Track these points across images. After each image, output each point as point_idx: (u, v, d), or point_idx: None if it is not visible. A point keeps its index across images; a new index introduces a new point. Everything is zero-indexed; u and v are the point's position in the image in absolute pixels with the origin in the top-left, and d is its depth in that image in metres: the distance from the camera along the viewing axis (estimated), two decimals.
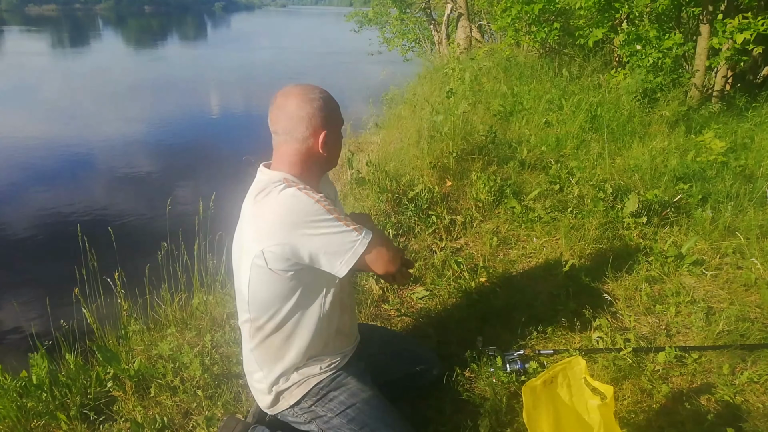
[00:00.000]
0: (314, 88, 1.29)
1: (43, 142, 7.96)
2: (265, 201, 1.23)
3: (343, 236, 1.19)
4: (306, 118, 1.25)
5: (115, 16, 54.53)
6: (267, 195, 1.22)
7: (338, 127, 1.33)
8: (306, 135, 1.26)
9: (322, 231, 1.18)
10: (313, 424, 1.37)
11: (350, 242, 1.20)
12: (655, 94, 4.78)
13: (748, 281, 2.36)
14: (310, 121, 1.25)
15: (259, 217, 1.23)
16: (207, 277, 2.48)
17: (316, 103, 1.26)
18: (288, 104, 1.26)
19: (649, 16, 5.20)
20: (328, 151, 1.30)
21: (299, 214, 1.18)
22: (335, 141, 1.33)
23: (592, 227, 2.73)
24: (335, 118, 1.31)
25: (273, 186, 1.23)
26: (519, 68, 6.34)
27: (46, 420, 1.71)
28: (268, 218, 1.21)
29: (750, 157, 3.72)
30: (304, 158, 1.29)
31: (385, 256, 1.25)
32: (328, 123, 1.28)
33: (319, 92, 1.28)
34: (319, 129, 1.26)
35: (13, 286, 3.98)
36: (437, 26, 10.89)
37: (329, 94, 1.30)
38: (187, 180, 6.49)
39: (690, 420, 1.62)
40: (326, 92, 1.30)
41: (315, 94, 1.27)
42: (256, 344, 1.37)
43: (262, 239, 1.21)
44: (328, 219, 1.19)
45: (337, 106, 1.32)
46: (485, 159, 3.65)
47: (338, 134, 1.34)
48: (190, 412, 1.75)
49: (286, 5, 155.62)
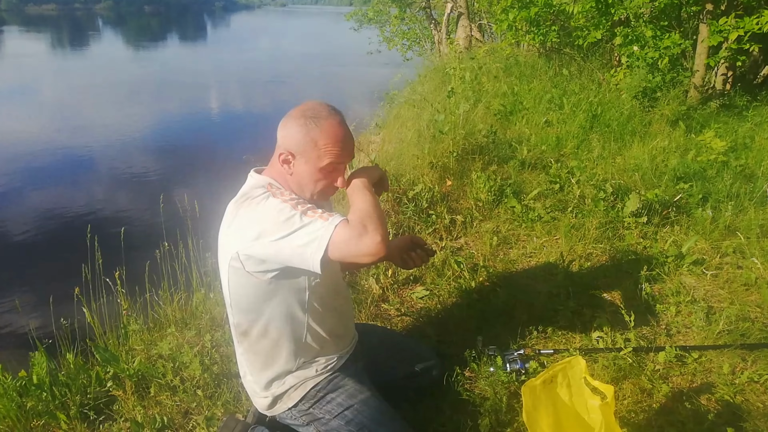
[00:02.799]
0: (319, 113, 1.22)
1: (42, 142, 7.96)
2: (244, 204, 1.22)
3: (308, 228, 1.12)
4: (285, 130, 1.24)
5: (114, 15, 54.50)
6: (247, 199, 1.22)
7: (310, 163, 1.22)
8: (278, 144, 1.27)
9: (289, 230, 1.13)
10: (312, 426, 1.37)
11: (315, 231, 1.11)
12: (654, 94, 4.78)
13: (748, 281, 2.36)
14: (283, 136, 1.25)
15: (237, 219, 1.22)
16: (207, 276, 2.48)
17: (300, 123, 1.22)
18: (292, 112, 1.26)
19: (647, 16, 5.20)
20: (293, 174, 1.26)
21: (269, 218, 1.15)
22: (301, 172, 1.24)
23: (592, 227, 2.72)
24: (310, 152, 1.21)
25: (257, 192, 1.23)
26: (519, 67, 6.34)
27: (46, 419, 1.71)
28: (243, 222, 1.20)
29: (750, 156, 3.72)
30: (279, 169, 1.28)
31: (357, 236, 1.09)
32: (294, 149, 1.22)
33: (317, 117, 1.21)
34: (283, 146, 1.24)
35: (13, 286, 3.98)
36: (437, 25, 10.89)
37: (330, 132, 1.21)
38: (187, 179, 6.49)
39: (690, 420, 1.62)
40: (328, 128, 1.21)
41: (309, 117, 1.21)
42: (245, 349, 1.37)
43: (237, 242, 1.21)
44: (294, 215, 1.13)
45: (328, 145, 1.21)
46: (485, 158, 3.65)
47: (308, 170, 1.23)
48: (190, 411, 1.75)
49: (285, 4, 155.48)
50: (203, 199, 2.58)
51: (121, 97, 11.66)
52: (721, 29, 4.47)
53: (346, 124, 1.27)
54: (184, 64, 18.64)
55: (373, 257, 1.10)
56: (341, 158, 1.24)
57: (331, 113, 1.24)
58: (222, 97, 12.35)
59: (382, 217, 1.17)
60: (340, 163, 1.25)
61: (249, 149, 5.29)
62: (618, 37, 4.99)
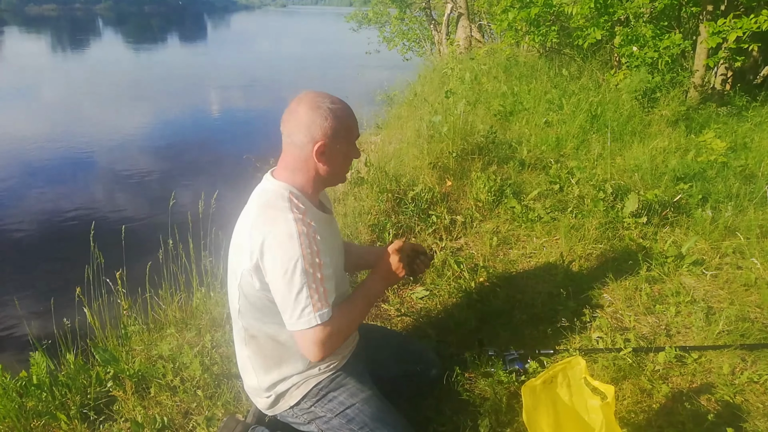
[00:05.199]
0: (327, 97, 1.26)
1: (42, 142, 7.96)
2: (270, 221, 1.22)
3: (296, 303, 1.18)
4: (307, 124, 1.23)
5: (114, 15, 54.51)
6: (275, 219, 1.22)
7: (345, 141, 1.27)
8: (304, 142, 1.24)
9: (287, 284, 1.17)
10: (313, 424, 1.38)
11: (300, 310, 1.18)
12: (654, 94, 4.78)
13: (748, 281, 2.36)
14: (309, 129, 1.23)
15: (258, 235, 1.21)
16: (207, 276, 2.48)
17: (322, 111, 1.23)
18: (297, 108, 1.24)
19: (647, 16, 5.20)
20: (327, 164, 1.27)
21: (284, 259, 1.18)
22: (337, 155, 1.27)
23: (592, 227, 2.73)
24: (342, 132, 1.25)
25: (280, 204, 1.23)
26: (519, 68, 6.34)
27: (46, 420, 1.71)
28: (264, 241, 1.20)
29: (750, 157, 3.72)
30: (303, 167, 1.27)
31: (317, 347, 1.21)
32: (330, 135, 1.24)
33: (329, 101, 1.25)
34: (318, 138, 1.23)
35: (14, 286, 3.98)
36: (437, 26, 10.90)
37: (344, 107, 1.26)
38: (187, 179, 6.49)
39: (690, 420, 1.62)
40: (341, 104, 1.26)
41: (324, 103, 1.24)
42: (252, 352, 1.37)
43: (254, 256, 1.21)
44: (299, 278, 1.17)
45: (350, 120, 1.27)
46: (485, 159, 3.65)
47: (344, 149, 1.28)
48: (190, 411, 1.75)
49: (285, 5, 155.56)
50: (204, 199, 2.58)
51: (121, 98, 11.67)
52: (720, 30, 4.48)
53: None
54: (184, 65, 18.64)
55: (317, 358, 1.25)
56: (358, 130, 1.33)
57: (328, 94, 1.28)
58: (222, 97, 12.35)
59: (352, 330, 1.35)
60: (358, 137, 1.33)
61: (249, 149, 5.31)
62: (618, 37, 5.00)
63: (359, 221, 2.98)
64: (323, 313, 1.19)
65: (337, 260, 1.35)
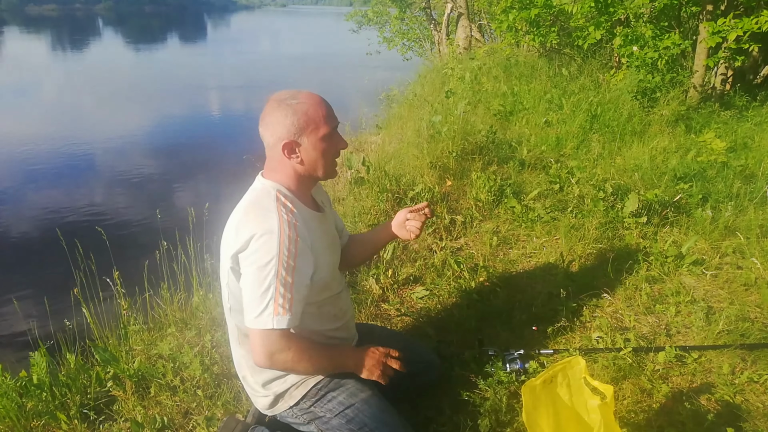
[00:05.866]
0: (290, 94, 1.24)
1: (43, 142, 7.96)
2: (253, 218, 1.22)
3: (260, 301, 1.16)
4: (272, 124, 1.23)
5: (114, 16, 54.51)
6: (258, 216, 1.21)
7: (314, 134, 1.23)
8: (273, 142, 1.25)
9: (256, 281, 1.16)
10: (313, 425, 1.37)
11: (258, 312, 1.16)
12: (654, 94, 4.78)
13: (748, 281, 2.36)
14: (274, 128, 1.23)
15: (244, 232, 1.21)
16: (206, 276, 2.48)
17: (282, 109, 1.22)
18: (265, 109, 1.25)
19: (647, 16, 5.20)
20: (301, 161, 1.26)
21: (260, 255, 1.17)
22: (309, 150, 1.25)
23: (592, 227, 2.72)
24: (307, 126, 1.22)
25: (265, 202, 1.24)
26: (519, 68, 6.34)
27: (46, 420, 1.71)
28: (248, 239, 1.19)
29: (750, 156, 3.72)
30: (281, 167, 1.27)
31: (265, 355, 1.17)
32: (294, 131, 1.22)
33: (291, 97, 1.22)
34: (282, 137, 1.22)
35: (13, 286, 3.98)
36: (437, 26, 10.90)
37: (307, 100, 1.23)
38: (187, 180, 6.49)
39: (690, 420, 1.62)
40: (305, 97, 1.23)
41: (285, 100, 1.22)
42: (246, 350, 1.37)
43: (235, 247, 1.21)
44: (269, 278, 1.15)
45: (315, 112, 1.23)
46: (485, 159, 3.65)
47: (314, 143, 1.24)
48: (190, 411, 1.75)
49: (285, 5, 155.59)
50: (204, 199, 2.59)
51: (121, 98, 11.67)
52: (720, 30, 4.48)
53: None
54: (183, 65, 18.64)
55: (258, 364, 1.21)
56: (332, 119, 1.26)
57: (298, 90, 1.26)
58: (222, 98, 12.35)
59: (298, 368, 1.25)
60: (335, 125, 1.28)
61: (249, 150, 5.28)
62: (618, 37, 5.00)
63: (359, 221, 2.98)
64: (281, 318, 1.15)
65: (326, 258, 1.35)
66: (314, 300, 1.32)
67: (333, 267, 1.42)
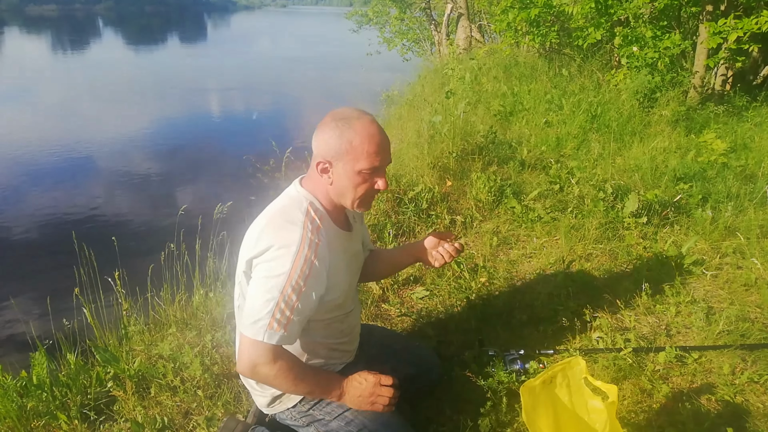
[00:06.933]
0: (349, 116, 1.20)
1: (42, 142, 7.97)
2: (278, 228, 1.20)
3: (259, 311, 1.14)
4: (319, 137, 1.22)
5: (115, 16, 54.53)
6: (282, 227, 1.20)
7: (350, 163, 1.19)
8: (314, 154, 1.24)
9: (261, 290, 1.16)
10: (312, 427, 1.37)
11: (254, 320, 1.15)
12: (654, 94, 4.78)
13: (748, 281, 2.36)
14: (319, 142, 1.22)
15: (265, 240, 1.19)
16: (208, 276, 2.48)
17: (331, 127, 1.19)
18: (323, 119, 1.23)
19: (647, 16, 5.20)
20: (332, 183, 1.24)
21: (273, 266, 1.16)
22: (341, 176, 1.21)
23: (592, 227, 2.73)
24: (346, 154, 1.18)
25: (294, 214, 1.22)
26: (519, 68, 6.34)
27: (47, 420, 1.71)
28: (264, 242, 1.19)
29: (750, 157, 3.72)
30: (317, 180, 1.26)
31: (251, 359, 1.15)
32: (332, 154, 1.20)
33: (347, 120, 1.19)
34: (321, 153, 1.21)
35: (14, 286, 3.98)
36: (437, 26, 10.90)
37: (363, 132, 1.18)
38: (188, 181, 6.49)
39: (690, 420, 1.62)
40: (361, 128, 1.18)
41: (339, 120, 1.19)
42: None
43: (252, 252, 1.21)
44: (275, 291, 1.14)
45: (364, 146, 1.17)
46: (485, 159, 3.66)
47: (348, 172, 1.20)
48: (191, 412, 1.75)
49: (285, 5, 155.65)
50: (205, 200, 2.59)
51: (121, 99, 11.67)
52: (720, 30, 4.48)
53: (378, 123, 1.23)
54: (184, 66, 18.64)
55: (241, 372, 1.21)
56: (378, 157, 1.20)
57: (362, 114, 1.21)
58: (222, 98, 12.36)
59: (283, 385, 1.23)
60: (379, 164, 1.21)
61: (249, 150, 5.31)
62: (618, 37, 5.00)
63: None
64: (273, 333, 1.14)
65: (342, 279, 1.33)
66: (323, 318, 1.32)
67: (349, 287, 1.40)
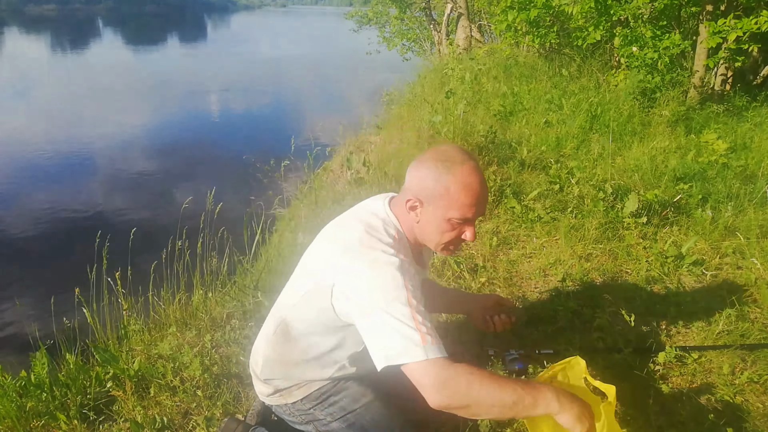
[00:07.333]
0: (452, 161, 1.14)
1: (43, 142, 7.97)
2: (370, 250, 1.13)
3: (402, 335, 1.03)
4: (416, 171, 1.19)
5: (115, 16, 54.51)
6: (374, 236, 1.15)
7: (441, 209, 1.15)
8: (407, 186, 1.21)
9: (387, 316, 1.05)
10: (311, 425, 1.37)
11: (406, 341, 1.03)
12: (654, 94, 4.78)
13: (748, 281, 2.36)
14: (412, 177, 1.19)
15: (353, 259, 1.13)
16: (208, 276, 2.48)
17: (433, 169, 1.14)
18: (426, 153, 1.20)
19: (646, 16, 5.20)
20: (419, 221, 1.19)
21: (381, 297, 1.07)
22: (429, 219, 1.17)
23: (592, 227, 2.73)
24: (441, 200, 1.14)
25: (385, 237, 1.16)
26: (519, 68, 6.35)
27: (46, 420, 1.71)
28: (357, 272, 1.12)
29: (750, 157, 3.72)
30: (406, 213, 1.21)
31: (437, 389, 1.02)
32: (425, 195, 1.16)
33: (450, 164, 1.13)
34: (413, 190, 1.18)
35: (14, 286, 3.99)
36: (437, 26, 10.90)
37: (463, 181, 1.12)
38: (189, 181, 6.49)
39: (690, 420, 1.62)
40: (462, 176, 1.13)
41: (443, 164, 1.14)
42: (274, 342, 1.32)
43: (339, 277, 1.14)
44: (403, 309, 1.05)
45: (460, 196, 1.13)
46: (485, 159, 3.65)
47: (437, 217, 1.16)
48: (190, 412, 1.75)
49: (285, 5, 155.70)
50: (205, 199, 2.59)
51: (122, 99, 11.67)
52: (720, 30, 4.48)
53: (481, 171, 1.17)
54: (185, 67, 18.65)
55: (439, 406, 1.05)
56: (473, 209, 1.15)
57: (465, 159, 1.15)
58: (223, 99, 12.36)
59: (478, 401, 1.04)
60: (472, 216, 1.16)
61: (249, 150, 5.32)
62: (617, 37, 5.00)
63: None
64: (432, 347, 1.03)
65: None
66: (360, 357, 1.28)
67: None
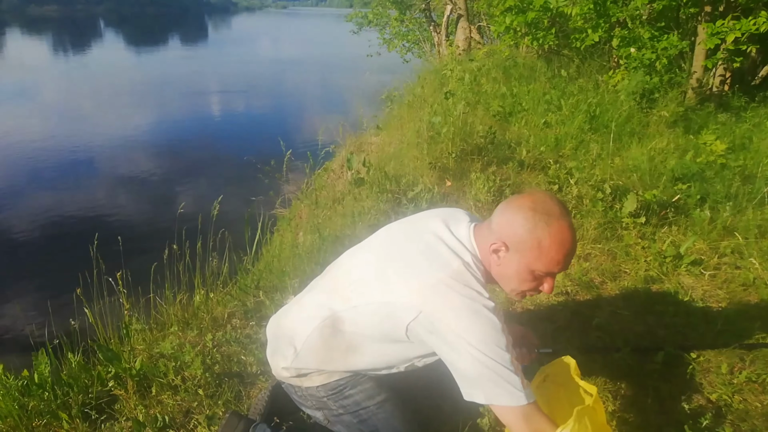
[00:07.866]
0: (549, 214, 1.11)
1: (44, 143, 7.98)
2: (463, 284, 1.13)
3: (506, 376, 1.08)
4: (507, 216, 1.16)
5: (116, 17, 54.51)
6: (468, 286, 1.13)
7: (527, 259, 1.13)
8: (496, 228, 1.17)
9: (489, 359, 1.08)
10: (320, 412, 1.38)
11: (506, 384, 1.08)
12: (652, 95, 4.79)
13: (746, 281, 2.37)
14: (502, 221, 1.16)
15: (446, 295, 1.12)
16: (209, 276, 2.49)
17: (529, 220, 1.11)
18: (521, 199, 1.17)
19: (645, 17, 5.22)
20: (500, 266, 1.17)
21: (480, 339, 1.09)
22: (510, 264, 1.16)
23: (591, 227, 2.74)
24: (530, 251, 1.12)
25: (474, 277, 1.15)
26: (518, 69, 6.35)
27: (48, 419, 1.71)
28: (453, 310, 1.11)
29: (748, 157, 3.73)
30: (488, 252, 1.19)
31: (532, 427, 1.10)
32: (514, 242, 1.13)
33: (546, 218, 1.10)
34: (503, 236, 1.15)
35: (16, 286, 4.00)
36: (437, 27, 10.92)
37: (558, 237, 1.10)
38: (190, 181, 6.50)
39: (689, 420, 1.63)
40: (557, 232, 1.10)
41: (540, 217, 1.11)
42: (321, 331, 1.29)
43: (428, 308, 1.13)
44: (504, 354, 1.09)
45: (551, 252, 1.11)
46: (485, 159, 3.66)
47: (520, 265, 1.14)
48: (191, 411, 1.75)
49: (286, 6, 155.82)
50: (206, 200, 2.60)
51: (123, 100, 11.68)
52: (718, 31, 4.50)
53: (574, 230, 1.15)
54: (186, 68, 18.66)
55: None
56: (559, 266, 1.14)
57: (563, 214, 1.13)
58: (224, 101, 12.38)
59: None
60: (554, 272, 1.16)
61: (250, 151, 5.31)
62: (615, 38, 5.02)
63: (359, 221, 2.99)
64: (530, 392, 1.11)
65: None
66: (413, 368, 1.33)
67: None
